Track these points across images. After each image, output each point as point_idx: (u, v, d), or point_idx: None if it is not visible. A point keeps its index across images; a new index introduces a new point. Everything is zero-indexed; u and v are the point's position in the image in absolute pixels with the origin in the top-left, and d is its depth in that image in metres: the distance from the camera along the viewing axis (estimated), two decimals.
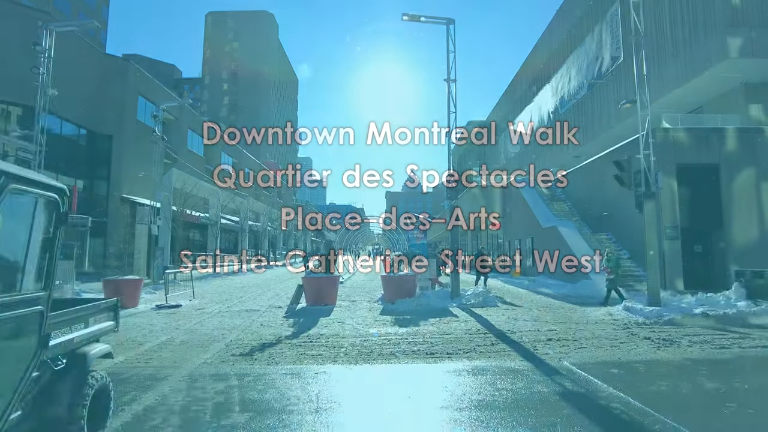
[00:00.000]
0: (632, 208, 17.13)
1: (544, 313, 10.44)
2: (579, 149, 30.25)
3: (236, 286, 19.74)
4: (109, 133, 28.84)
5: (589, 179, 20.89)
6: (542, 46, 36.85)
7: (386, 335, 7.84)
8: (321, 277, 12.17)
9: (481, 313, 10.43)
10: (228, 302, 13.52)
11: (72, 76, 26.24)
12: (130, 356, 6.39)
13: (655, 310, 9.21)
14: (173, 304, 12.56)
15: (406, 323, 9.05)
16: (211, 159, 43.67)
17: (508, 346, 6.82)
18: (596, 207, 19.97)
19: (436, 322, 9.15)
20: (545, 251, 20.00)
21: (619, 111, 24.60)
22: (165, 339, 7.73)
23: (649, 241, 10.44)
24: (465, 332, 8.03)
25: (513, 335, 7.72)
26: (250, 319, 9.91)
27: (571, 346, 6.75)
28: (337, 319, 9.78)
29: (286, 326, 8.96)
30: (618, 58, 24.24)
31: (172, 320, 9.93)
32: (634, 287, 15.10)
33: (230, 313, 10.94)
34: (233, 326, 9.02)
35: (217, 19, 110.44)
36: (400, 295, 11.93)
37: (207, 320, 9.86)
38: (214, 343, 7.40)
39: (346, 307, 11.72)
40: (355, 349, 6.76)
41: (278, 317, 10.20)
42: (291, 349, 6.87)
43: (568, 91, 30.86)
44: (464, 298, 12.16)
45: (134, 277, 12.79)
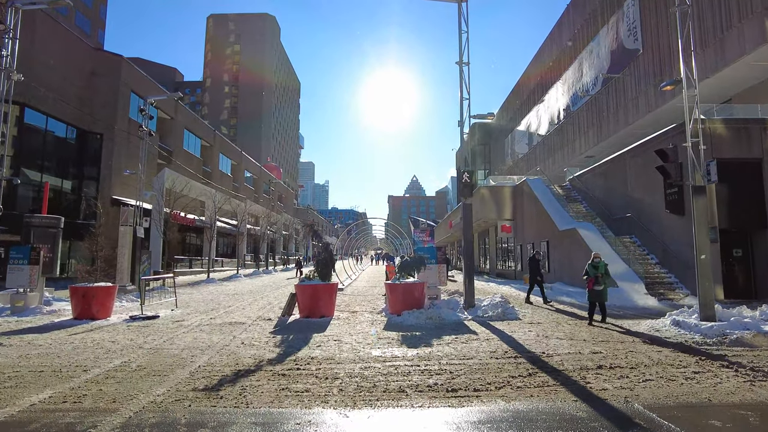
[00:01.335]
0: (660, 209, 15.67)
1: (576, 328, 8.91)
2: (592, 148, 28.84)
3: (228, 293, 18.26)
4: (99, 131, 27.53)
5: (608, 178, 19.38)
6: (551, 43, 35.45)
7: (392, 360, 6.32)
8: (317, 285, 10.67)
9: (503, 328, 8.91)
10: (213, 312, 12.03)
11: (59, 70, 24.99)
12: (60, 391, 4.90)
13: (714, 326, 7.67)
14: (149, 315, 11.09)
15: (415, 342, 7.53)
16: (208, 160, 42.37)
17: (550, 378, 5.29)
18: (616, 208, 18.45)
19: (452, 340, 7.63)
20: (563, 256, 18.47)
21: (638, 106, 23.16)
22: (119, 363, 6.24)
23: (700, 244, 8.93)
24: (490, 355, 6.51)
25: (551, 360, 6.19)
26: (231, 335, 8.42)
27: (632, 378, 5.22)
28: (333, 335, 8.27)
29: (272, 345, 7.45)
30: (636, 51, 22.78)
31: (141, 336, 8.45)
32: (667, 296, 13.57)
33: (211, 327, 9.45)
34: (209, 345, 7.53)
35: (219, 21, 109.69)
36: (406, 306, 10.43)
37: (180, 336, 8.37)
38: (178, 369, 5.91)
39: (344, 320, 10.21)
40: (353, 381, 5.25)
41: (264, 333, 8.70)
42: (272, 380, 5.37)
43: (581, 88, 29.41)
44: (480, 310, 10.64)
45: (106, 283, 11.32)
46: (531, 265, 13.72)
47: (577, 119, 30.48)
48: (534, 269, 13.53)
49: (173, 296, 13.99)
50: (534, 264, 13.61)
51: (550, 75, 35.07)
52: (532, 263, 13.67)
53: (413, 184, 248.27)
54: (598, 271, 9.39)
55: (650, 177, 15.90)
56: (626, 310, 11.87)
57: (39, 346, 7.39)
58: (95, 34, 55.86)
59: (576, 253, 17.15)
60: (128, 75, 29.27)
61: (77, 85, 26.40)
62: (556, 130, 33.61)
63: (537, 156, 37.84)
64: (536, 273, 13.45)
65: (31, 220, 13.00)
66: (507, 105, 46.02)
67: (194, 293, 18.50)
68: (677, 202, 14.22)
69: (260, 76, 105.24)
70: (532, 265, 13.66)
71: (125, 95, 28.87)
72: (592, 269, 9.45)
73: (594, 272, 9.39)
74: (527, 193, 22.68)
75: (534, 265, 13.59)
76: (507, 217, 24.69)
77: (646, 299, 12.89)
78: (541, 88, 36.87)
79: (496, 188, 25.83)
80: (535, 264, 13.60)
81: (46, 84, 23.64)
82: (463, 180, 10.75)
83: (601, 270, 9.39)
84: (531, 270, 13.68)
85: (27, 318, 10.87)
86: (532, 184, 22.27)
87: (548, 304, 12.82)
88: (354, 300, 14.99)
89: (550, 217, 19.31)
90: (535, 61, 39.05)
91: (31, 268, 11.80)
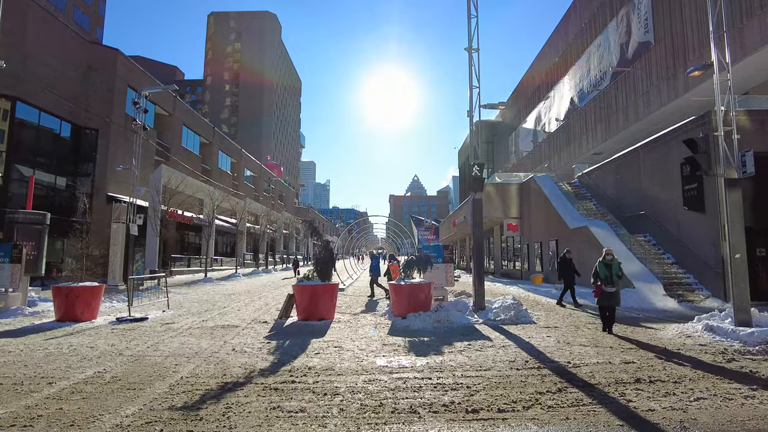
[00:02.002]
0: (677, 206, 14.91)
1: (598, 333, 8.18)
2: (600, 145, 28.08)
3: (224, 293, 17.56)
4: (94, 127, 26.84)
5: (619, 175, 18.63)
6: (557, 38, 34.70)
7: (400, 371, 5.60)
8: (316, 286, 9.95)
9: (519, 333, 8.18)
10: (206, 314, 11.33)
11: (53, 64, 24.31)
12: (11, 411, 4.19)
13: (755, 332, 6.94)
14: (138, 317, 10.40)
15: (424, 349, 6.81)
16: (207, 157, 41.68)
17: (584, 394, 4.57)
18: (629, 205, 17.70)
19: (465, 347, 6.91)
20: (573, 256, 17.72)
21: (649, 101, 22.40)
22: (92, 373, 5.54)
23: (734, 243, 8.18)
24: (509, 365, 5.79)
25: (579, 371, 5.47)
26: (223, 340, 7.71)
27: (680, 396, 4.50)
28: (333, 341, 7.55)
29: (265, 353, 6.74)
30: (648, 44, 22.02)
31: (124, 340, 7.74)
32: (686, 298, 12.83)
33: (201, 331, 8.75)
34: (196, 351, 6.83)
35: (220, 19, 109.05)
36: (412, 308, 9.71)
37: (167, 341, 7.67)
38: (157, 381, 5.20)
39: (346, 324, 9.50)
40: (356, 398, 4.53)
41: (258, 338, 7.99)
42: (262, 395, 4.66)
43: (588, 83, 28.65)
44: (491, 312, 9.92)
45: (92, 283, 10.62)
46: (562, 265, 12.67)
47: (584, 115, 29.73)
48: (566, 270, 12.52)
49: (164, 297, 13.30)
50: (566, 264, 12.56)
51: (556, 71, 34.32)
52: (564, 263, 12.62)
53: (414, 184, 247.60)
54: (611, 270, 8.13)
55: (666, 172, 15.18)
56: (645, 312, 11.14)
57: (8, 353, 6.68)
58: (94, 31, 55.21)
59: (588, 252, 16.39)
60: (125, 70, 28.56)
61: (72, 79, 25.70)
62: (562, 127, 32.86)
63: (542, 153, 37.08)
64: (569, 274, 12.47)
65: (15, 216, 12.32)
66: (511, 102, 45.24)
67: (190, 293, 17.82)
68: (696, 199, 13.48)
69: (261, 75, 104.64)
70: (563, 266, 12.63)
71: (121, 90, 28.15)
72: (603, 269, 8.18)
73: (605, 272, 8.13)
74: (535, 191, 21.94)
75: (566, 265, 12.55)
76: (513, 216, 23.94)
77: (664, 301, 12.15)
78: (547, 85, 36.12)
79: (502, 186, 25.09)
80: (567, 264, 12.55)
81: (39, 78, 22.95)
82: (473, 173, 10.02)
83: (614, 269, 8.14)
84: (562, 271, 12.64)
85: (6, 320, 10.17)
86: (540, 180, 21.53)
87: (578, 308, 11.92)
88: (356, 301, 14.28)
89: (559, 214, 18.58)
90: (540, 58, 38.30)
91: (13, 266, 11.09)
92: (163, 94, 34.05)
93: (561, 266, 12.77)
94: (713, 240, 12.85)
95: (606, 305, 8.17)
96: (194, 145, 39.19)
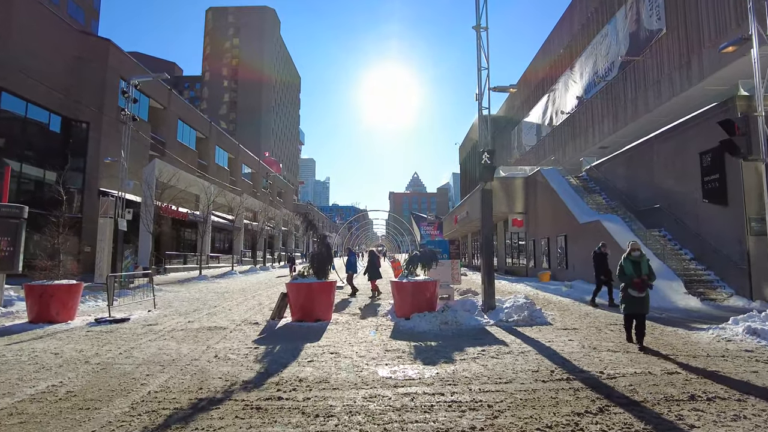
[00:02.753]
0: (696, 199, 14.04)
1: (623, 335, 7.34)
2: (607, 138, 27.22)
3: (217, 291, 16.75)
4: (85, 120, 25.99)
5: (631, 167, 17.78)
6: (561, 29, 33.79)
7: (406, 384, 4.78)
8: (311, 284, 9.13)
9: (536, 336, 7.36)
10: (194, 314, 10.51)
11: (41, 54, 23.43)
12: None
13: None
14: (118, 318, 9.58)
15: (432, 356, 5.99)
16: (204, 153, 40.80)
17: (633, 417, 3.75)
18: (642, 199, 16.87)
19: (479, 354, 6.08)
20: (584, 252, 16.90)
21: (660, 92, 21.53)
22: (45, 387, 4.72)
23: None
24: (533, 376, 4.97)
25: (617, 384, 4.65)
26: (206, 345, 6.89)
27: (754, 420, 3.68)
28: (329, 346, 6.73)
29: (251, 360, 5.92)
30: (659, 32, 21.13)
31: (96, 345, 6.93)
32: (708, 296, 12.02)
33: (185, 333, 7.93)
34: (173, 358, 6.01)
35: (218, 14, 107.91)
36: (416, 308, 8.89)
37: (144, 345, 6.85)
38: (119, 397, 4.38)
39: (344, 325, 8.68)
40: (354, 422, 3.71)
41: (246, 342, 7.17)
42: (241, 417, 3.84)
43: (595, 74, 27.75)
44: (502, 313, 9.10)
45: (69, 281, 9.79)
46: (597, 260, 11.45)
47: (590, 108, 28.85)
48: (600, 266, 11.34)
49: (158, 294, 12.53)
50: (600, 260, 11.38)
51: (561, 63, 33.42)
52: (598, 259, 11.42)
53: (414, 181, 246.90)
54: (639, 269, 6.47)
55: (683, 163, 14.34)
56: (667, 312, 10.32)
57: None
58: (89, 25, 54.20)
59: None
60: (116, 61, 27.69)
61: (61, 70, 24.84)
62: (567, 121, 31.97)
63: (546, 148, 36.22)
64: (603, 271, 11.29)
65: None
66: (514, 95, 44.35)
67: (182, 291, 17.01)
68: (718, 191, 12.64)
69: (260, 71, 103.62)
70: (598, 261, 11.42)
71: (113, 82, 27.27)
72: (630, 266, 6.52)
73: (632, 272, 6.47)
74: (541, 184, 21.11)
75: (600, 260, 11.37)
76: (518, 211, 23.11)
77: (686, 300, 11.34)
78: (551, 78, 35.22)
79: (507, 180, 24.24)
80: (601, 260, 11.37)
81: (26, 68, 22.07)
82: (482, 161, 9.18)
83: (644, 269, 6.48)
84: (597, 267, 11.44)
85: None
86: (547, 174, 20.69)
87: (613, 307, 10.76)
88: (355, 299, 13.47)
89: (568, 209, 17.75)
90: (543, 50, 37.38)
91: None
92: (158, 88, 33.18)
93: (596, 261, 11.47)
94: (737, 234, 12.03)
95: (633, 313, 6.55)
96: (190, 139, 38.33)
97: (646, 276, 6.46)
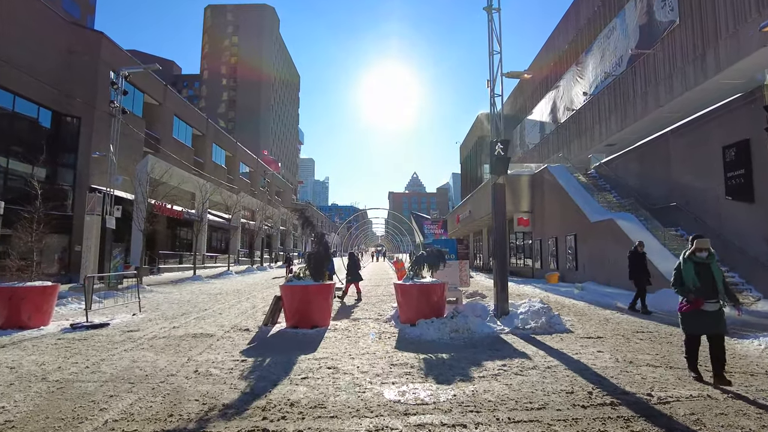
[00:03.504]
0: (717, 196, 13.22)
1: (656, 345, 6.55)
2: (614, 135, 26.44)
3: (210, 293, 15.93)
4: (76, 115, 25.14)
5: (645, 163, 16.98)
6: (566, 24, 33.01)
7: (420, 411, 3.97)
8: (308, 287, 8.31)
9: (559, 347, 6.55)
10: (182, 318, 9.70)
11: (29, 45, 22.59)
12: None
13: None
14: (97, 323, 8.76)
15: (447, 373, 5.18)
16: (200, 150, 39.94)
17: None
18: (656, 197, 16.06)
19: (500, 369, 5.26)
20: (595, 252, 16.12)
21: (672, 86, 20.74)
22: None
23: None
24: (569, 400, 4.16)
25: (674, 412, 3.84)
26: (187, 356, 6.07)
27: None
28: (327, 358, 5.92)
29: (236, 377, 5.10)
30: (671, 23, 20.35)
31: (61, 356, 6.11)
32: None
33: (166, 341, 7.11)
34: (148, 373, 5.20)
35: (217, 12, 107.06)
36: (422, 314, 8.08)
37: (117, 357, 6.03)
38: (68, 430, 3.57)
39: (343, 332, 7.86)
40: None
41: (234, 352, 6.36)
42: None
43: (602, 70, 26.96)
44: (517, 319, 8.29)
45: (43, 282, 8.97)
46: (634, 261, 10.24)
47: (597, 105, 28.08)
48: (639, 268, 10.14)
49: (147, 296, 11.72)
50: (638, 260, 10.21)
51: (566, 59, 32.64)
52: (635, 259, 10.23)
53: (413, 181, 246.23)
54: (709, 273, 4.76)
55: (703, 158, 13.54)
56: None
57: None
58: (85, 19, 53.33)
59: (611, 247, 14.80)
60: (109, 54, 26.82)
61: (51, 63, 23.98)
62: (573, 118, 31.21)
63: (550, 146, 35.46)
64: (643, 273, 10.09)
65: None
66: (517, 92, 43.60)
67: (173, 292, 16.21)
68: (743, 187, 11.84)
69: (259, 69, 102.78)
70: (635, 262, 10.22)
71: (106, 76, 26.33)
72: (692, 271, 4.73)
73: (696, 277, 4.73)
74: (549, 182, 20.31)
75: (638, 261, 10.21)
76: (524, 209, 22.31)
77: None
78: (555, 74, 34.45)
79: (512, 177, 23.39)
80: (639, 260, 10.20)
81: (13, 59, 21.23)
82: (495, 152, 8.37)
83: (716, 272, 4.78)
84: (635, 269, 10.16)
85: None
86: (555, 171, 19.90)
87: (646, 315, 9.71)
88: (355, 303, 12.66)
89: (578, 207, 16.95)
90: (547, 46, 36.62)
91: None
92: (153, 83, 32.35)
93: (632, 262, 10.31)
94: (764, 233, 11.24)
95: (700, 333, 4.83)
96: (186, 136, 37.48)
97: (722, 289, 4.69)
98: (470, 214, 32.09)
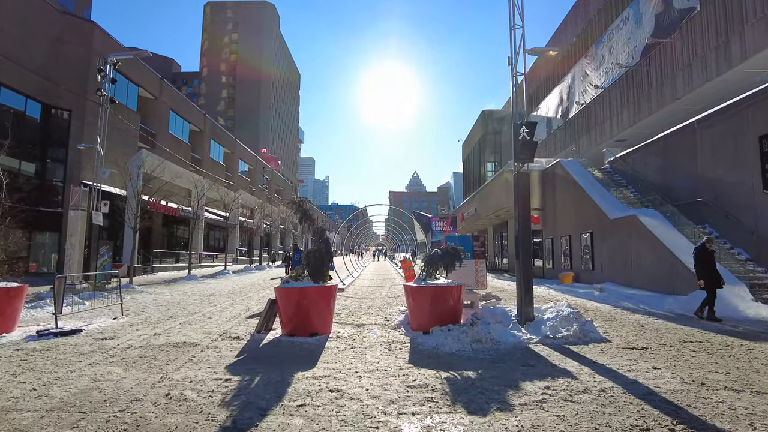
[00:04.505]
0: (752, 190, 12.16)
1: (721, 359, 5.53)
2: (626, 130, 25.41)
3: (203, 294, 14.93)
4: (67, 107, 24.13)
5: (667, 157, 15.94)
6: (575, 15, 31.94)
7: None
8: (306, 289, 7.29)
9: (604, 361, 5.52)
10: (167, 323, 8.69)
11: (16, 34, 21.58)
12: None
13: None
14: (67, 330, 7.73)
15: (477, 398, 4.16)
16: (198, 146, 38.93)
17: None
18: (679, 192, 15.03)
19: (543, 394, 4.23)
20: (614, 251, 15.08)
21: (691, 77, 19.69)
22: None
23: None
24: None
25: None
26: (161, 374, 5.05)
27: None
28: (328, 377, 4.89)
29: (217, 402, 4.08)
30: (691, 10, 19.31)
31: (10, 373, 5.10)
32: None
33: (142, 352, 6.10)
34: (108, 397, 4.18)
35: (216, 9, 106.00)
36: (437, 320, 7.07)
37: (77, 374, 5.02)
38: None
39: (346, 342, 6.83)
40: None
41: (218, 367, 5.34)
42: None
43: (613, 62, 25.91)
44: (545, 326, 7.27)
45: (8, 283, 7.95)
46: (701, 259, 8.96)
47: (608, 98, 27.05)
48: (708, 267, 8.91)
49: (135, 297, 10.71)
50: (706, 259, 8.94)
51: (574, 51, 31.59)
52: (702, 257, 8.96)
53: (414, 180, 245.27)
54: None
55: (736, 150, 12.51)
56: (741, 323, 8.50)
57: None
58: (80, 13, 52.32)
59: (634, 246, 13.78)
60: (102, 44, 25.74)
61: (40, 53, 22.99)
62: (582, 112, 30.17)
63: (557, 142, 34.45)
64: (714, 273, 8.85)
65: None
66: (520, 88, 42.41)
67: (164, 293, 15.20)
68: None
69: (258, 67, 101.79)
70: (703, 260, 8.95)
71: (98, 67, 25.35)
72: None
73: None
74: (561, 177, 19.28)
75: (706, 260, 8.94)
76: (535, 206, 21.25)
77: (755, 308, 9.51)
78: (563, 68, 33.41)
79: None
80: (707, 259, 8.95)
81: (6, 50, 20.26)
82: (519, 136, 7.35)
83: None
84: (704, 269, 8.92)
85: None
86: (568, 166, 18.86)
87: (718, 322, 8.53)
88: (358, 305, 11.64)
89: (595, 203, 15.93)
90: (555, 38, 35.54)
91: None
92: (149, 76, 31.33)
93: (698, 261, 9.04)
94: None
95: None
96: (183, 132, 36.47)
97: None
98: (476, 212, 31.07)
